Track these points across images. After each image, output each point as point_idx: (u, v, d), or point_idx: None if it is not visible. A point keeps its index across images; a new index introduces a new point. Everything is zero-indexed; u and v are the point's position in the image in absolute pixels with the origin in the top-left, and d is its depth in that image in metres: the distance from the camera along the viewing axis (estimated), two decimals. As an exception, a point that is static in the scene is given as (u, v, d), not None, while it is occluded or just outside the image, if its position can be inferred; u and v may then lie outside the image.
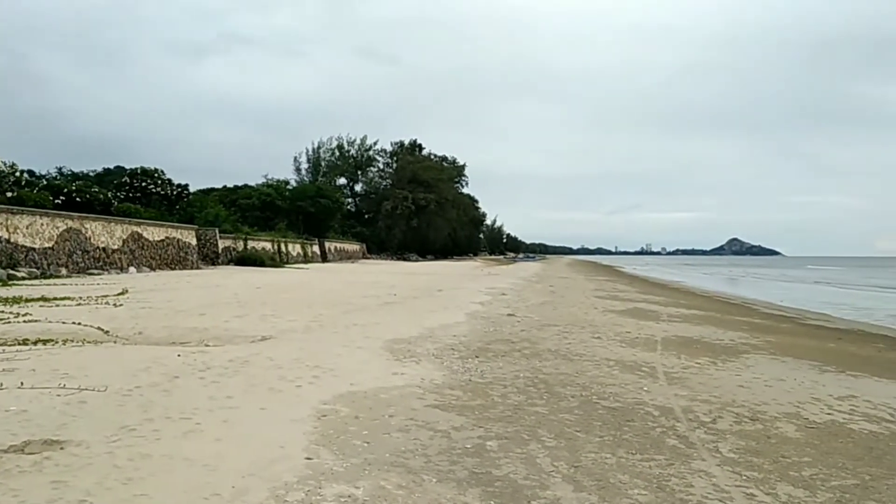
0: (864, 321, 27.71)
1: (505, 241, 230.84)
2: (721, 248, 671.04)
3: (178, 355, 9.92)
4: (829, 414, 8.12)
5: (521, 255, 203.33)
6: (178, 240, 40.64)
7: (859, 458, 6.28)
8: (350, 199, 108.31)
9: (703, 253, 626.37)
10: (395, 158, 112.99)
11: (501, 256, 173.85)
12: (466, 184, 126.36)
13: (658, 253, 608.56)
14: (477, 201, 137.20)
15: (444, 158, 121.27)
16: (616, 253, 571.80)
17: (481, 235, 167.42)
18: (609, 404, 8.05)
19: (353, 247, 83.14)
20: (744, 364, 11.77)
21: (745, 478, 5.54)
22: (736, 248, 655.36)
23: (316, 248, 68.20)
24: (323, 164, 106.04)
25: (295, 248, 60.92)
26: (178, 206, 52.10)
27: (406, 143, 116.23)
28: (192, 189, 58.85)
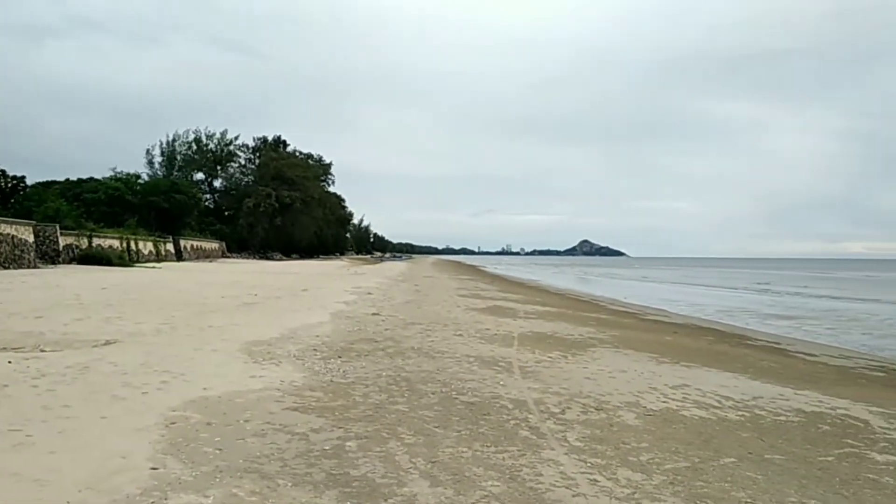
0: (696, 316, 30.30)
1: (372, 240, 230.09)
2: (573, 248, 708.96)
3: (9, 362, 9.08)
4: (664, 402, 8.82)
5: (388, 255, 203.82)
6: (12, 236, 36.95)
7: (690, 443, 6.88)
8: (208, 196, 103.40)
9: (558, 253, 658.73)
10: (257, 154, 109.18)
11: (368, 256, 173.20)
12: (333, 182, 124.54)
13: (518, 253, 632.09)
14: (344, 200, 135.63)
15: (309, 156, 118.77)
16: (479, 253, 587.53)
17: (348, 235, 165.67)
18: (468, 399, 8.28)
19: (211, 245, 79.52)
20: (591, 357, 12.51)
21: (589, 464, 5.91)
22: (587, 248, 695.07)
23: (170, 247, 64.55)
24: (179, 157, 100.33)
25: (147, 246, 57.34)
26: (12, 200, 47.48)
27: (270, 139, 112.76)
28: (29, 182, 54.00)
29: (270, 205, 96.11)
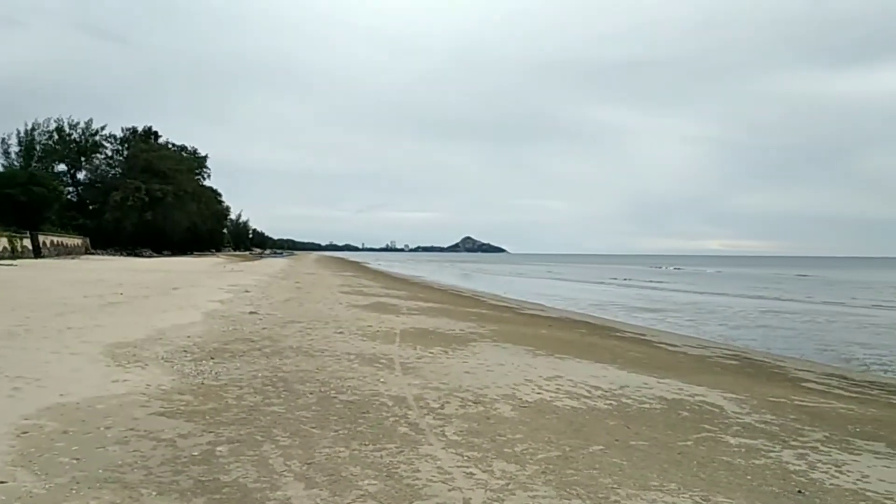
0: (570, 310, 31.64)
1: (251, 236, 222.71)
2: (456, 245, 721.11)
3: None
4: (539, 393, 9.12)
5: (268, 252, 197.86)
6: None
7: (562, 432, 7.14)
8: (71, 189, 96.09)
9: (441, 250, 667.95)
10: (126, 145, 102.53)
11: (247, 252, 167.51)
12: (209, 176, 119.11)
13: (402, 250, 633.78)
14: (220, 194, 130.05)
15: (183, 148, 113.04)
16: (363, 249, 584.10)
17: (225, 231, 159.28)
18: (347, 398, 8.18)
19: (74, 241, 73.99)
20: (471, 352, 12.73)
21: (466, 458, 5.99)
22: (469, 245, 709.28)
23: (27, 243, 59.45)
24: (38, 148, 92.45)
25: (0, 243, 52.55)
26: None
27: (140, 129, 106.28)
28: None
29: (140, 198, 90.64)
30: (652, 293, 49.70)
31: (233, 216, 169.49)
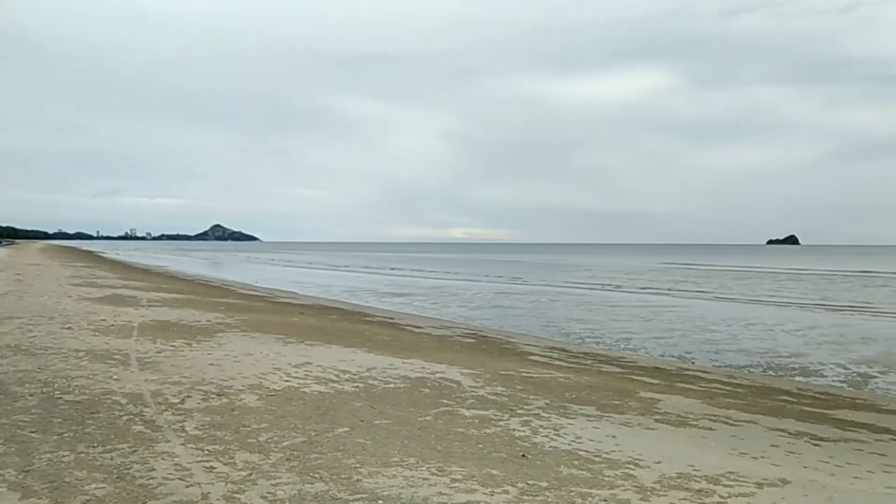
0: (323, 296, 31.80)
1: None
2: (205, 233, 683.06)
3: None
4: (287, 381, 9.05)
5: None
6: None
7: (308, 417, 7.17)
8: None
9: (189, 238, 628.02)
10: None
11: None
12: None
13: (144, 238, 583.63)
14: None
15: None
16: (99, 238, 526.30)
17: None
18: (73, 398, 7.39)
19: None
20: (217, 343, 12.21)
21: (207, 452, 5.76)
22: (219, 233, 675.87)
23: None
24: None
25: None
26: None
27: None
28: None
29: None
30: (400, 279, 51.73)
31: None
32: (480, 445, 6.54)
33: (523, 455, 6.30)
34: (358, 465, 5.60)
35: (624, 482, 5.57)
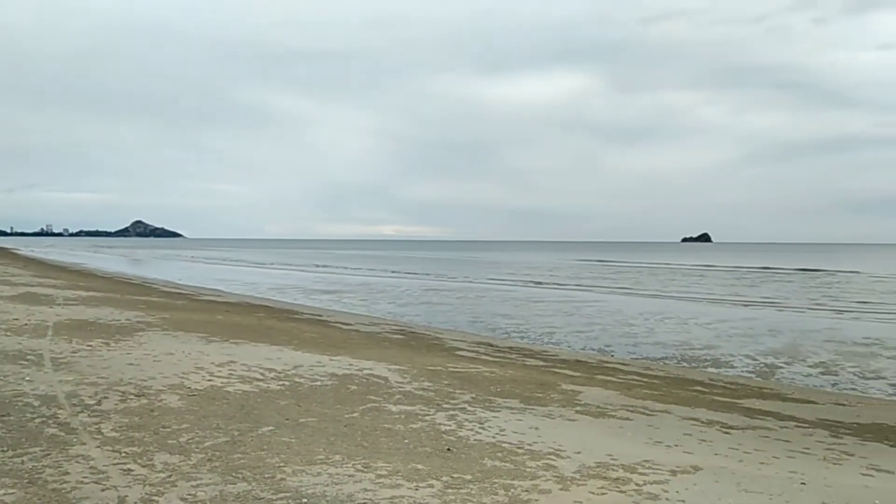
0: (250, 294, 31.16)
1: None
2: (126, 229, 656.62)
3: None
4: (210, 380, 8.86)
5: None
6: None
7: (232, 417, 7.05)
8: None
9: (109, 235, 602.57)
10: None
11: None
12: None
13: (61, 234, 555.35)
14: None
15: None
16: (12, 234, 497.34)
17: None
18: (-21, 402, 7.03)
19: None
20: (137, 342, 11.82)
21: (124, 454, 5.59)
22: (140, 230, 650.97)
23: None
24: None
25: None
26: None
27: None
28: None
29: None
30: (329, 276, 51.23)
31: None
32: (406, 441, 6.60)
33: (448, 449, 6.39)
34: (282, 464, 5.56)
35: (545, 472, 5.73)
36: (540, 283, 46.40)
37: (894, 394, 13.06)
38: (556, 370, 12.90)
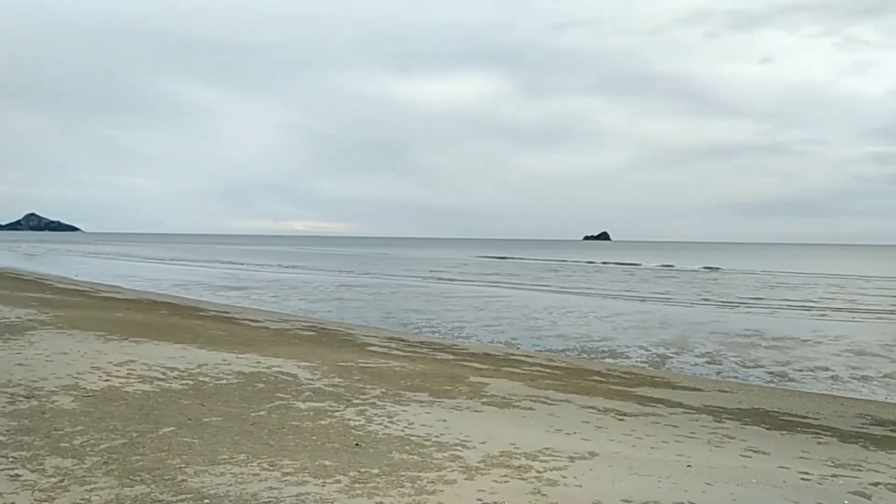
0: (152, 290, 29.94)
1: None
2: (18, 223, 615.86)
3: None
4: (106, 380, 8.51)
5: None
6: None
7: (130, 418, 6.82)
8: None
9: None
10: None
11: None
12: None
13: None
14: None
15: None
16: None
17: None
18: None
19: None
20: (28, 341, 11.19)
21: (12, 459, 5.33)
22: (34, 223, 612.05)
23: None
24: None
25: None
26: None
27: None
28: None
29: None
30: (238, 272, 49.90)
31: None
32: (314, 437, 6.59)
33: (357, 444, 6.43)
34: (183, 465, 5.45)
35: (451, 463, 5.88)
36: (451, 279, 46.93)
37: (771, 381, 14.06)
38: (465, 363, 13.15)
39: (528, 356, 15.39)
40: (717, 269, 67.39)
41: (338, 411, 7.76)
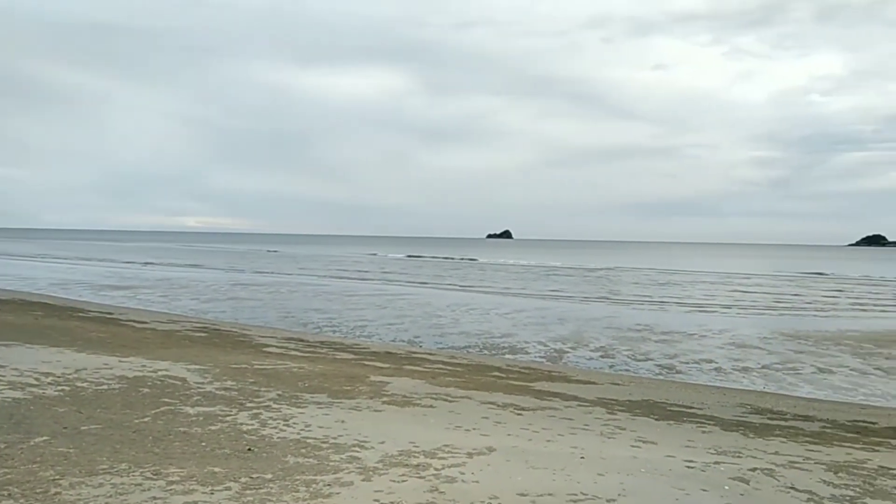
0: (25, 290, 27.84)
1: None
2: None
3: None
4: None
5: None
6: None
7: (-3, 428, 6.27)
8: None
9: None
10: None
11: None
12: None
13: None
14: None
15: None
16: None
17: None
18: None
19: None
20: None
21: None
22: None
23: None
24: None
25: None
26: None
27: None
28: None
29: None
30: (123, 270, 47.30)
31: None
32: (203, 443, 6.29)
33: (249, 449, 6.19)
34: (57, 477, 5.05)
35: (349, 465, 5.76)
36: (354, 276, 46.47)
37: (660, 373, 14.78)
38: (367, 363, 13.00)
39: (430, 354, 15.43)
40: (613, 267, 70.34)
41: (229, 416, 7.45)
